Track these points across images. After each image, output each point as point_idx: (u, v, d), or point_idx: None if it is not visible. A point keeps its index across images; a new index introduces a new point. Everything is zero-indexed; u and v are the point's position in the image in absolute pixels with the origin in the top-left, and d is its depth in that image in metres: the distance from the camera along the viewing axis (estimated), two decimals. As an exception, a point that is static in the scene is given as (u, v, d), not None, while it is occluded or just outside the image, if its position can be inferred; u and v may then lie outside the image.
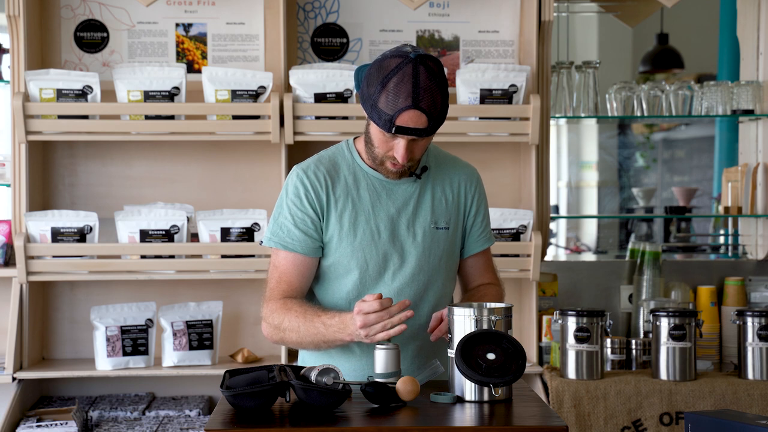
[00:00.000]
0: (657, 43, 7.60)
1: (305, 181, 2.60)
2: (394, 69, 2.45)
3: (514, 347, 2.34)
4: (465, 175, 2.72)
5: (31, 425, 3.48)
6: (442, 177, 2.68)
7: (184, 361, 3.69)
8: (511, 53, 4.00)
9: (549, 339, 3.86)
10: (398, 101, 2.44)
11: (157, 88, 3.65)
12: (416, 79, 2.43)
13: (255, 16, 3.92)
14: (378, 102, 2.46)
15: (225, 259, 3.66)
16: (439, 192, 2.67)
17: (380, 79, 2.46)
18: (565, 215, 9.49)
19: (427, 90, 2.44)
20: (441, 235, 2.65)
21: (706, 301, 4.05)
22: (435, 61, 2.49)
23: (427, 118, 2.45)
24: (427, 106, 2.44)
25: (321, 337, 2.51)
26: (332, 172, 2.62)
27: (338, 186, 2.61)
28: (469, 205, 2.71)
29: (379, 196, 2.61)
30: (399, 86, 2.44)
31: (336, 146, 2.70)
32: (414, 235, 2.62)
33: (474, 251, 2.74)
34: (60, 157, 3.90)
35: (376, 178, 2.62)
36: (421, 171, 2.64)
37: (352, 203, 2.60)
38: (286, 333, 2.55)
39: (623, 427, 3.52)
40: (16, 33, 3.65)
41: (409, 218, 2.62)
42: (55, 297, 3.90)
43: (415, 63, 2.44)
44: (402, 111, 2.44)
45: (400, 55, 2.47)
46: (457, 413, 2.27)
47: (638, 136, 9.56)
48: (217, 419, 2.19)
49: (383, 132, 2.49)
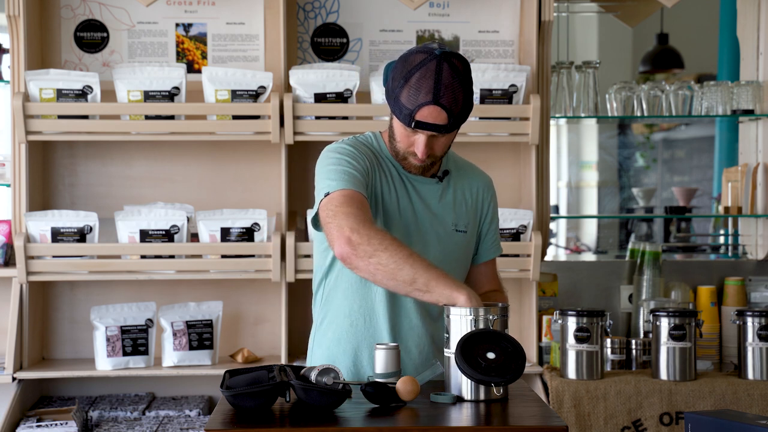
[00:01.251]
0: (657, 43, 7.60)
1: (353, 147, 2.57)
2: (418, 64, 2.46)
3: (514, 346, 2.34)
4: (483, 183, 2.75)
5: (31, 425, 3.48)
6: (462, 182, 2.71)
7: (184, 361, 3.69)
8: (511, 53, 4.00)
9: (549, 339, 3.86)
10: (419, 96, 2.45)
11: (157, 88, 3.65)
12: (439, 75, 2.44)
13: (255, 16, 3.92)
14: (400, 96, 2.48)
15: (225, 259, 3.66)
16: (460, 196, 2.69)
17: (404, 73, 2.48)
18: (565, 215, 9.50)
19: (449, 87, 2.45)
20: (459, 238, 2.67)
21: (706, 301, 4.05)
22: (461, 60, 2.50)
23: (447, 115, 2.47)
24: (448, 102, 2.46)
25: (428, 279, 2.35)
26: (370, 155, 2.60)
27: (375, 167, 2.60)
28: (485, 212, 2.74)
29: (407, 191, 2.62)
30: (421, 81, 2.45)
31: (363, 135, 2.69)
32: (436, 233, 2.63)
33: (486, 258, 2.78)
34: (60, 157, 3.90)
35: (402, 173, 2.64)
36: (443, 174, 2.66)
37: (381, 189, 2.60)
38: (387, 251, 2.35)
39: (623, 427, 3.52)
40: (16, 33, 3.65)
41: (432, 217, 2.63)
42: (55, 297, 3.90)
43: (440, 60, 2.45)
44: (422, 106, 2.45)
45: (425, 51, 2.48)
46: (457, 413, 2.27)
47: (638, 136, 9.56)
48: (217, 419, 2.19)
49: (404, 126, 2.51)
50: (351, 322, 2.62)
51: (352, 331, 2.62)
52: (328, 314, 2.67)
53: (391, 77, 2.52)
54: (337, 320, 2.65)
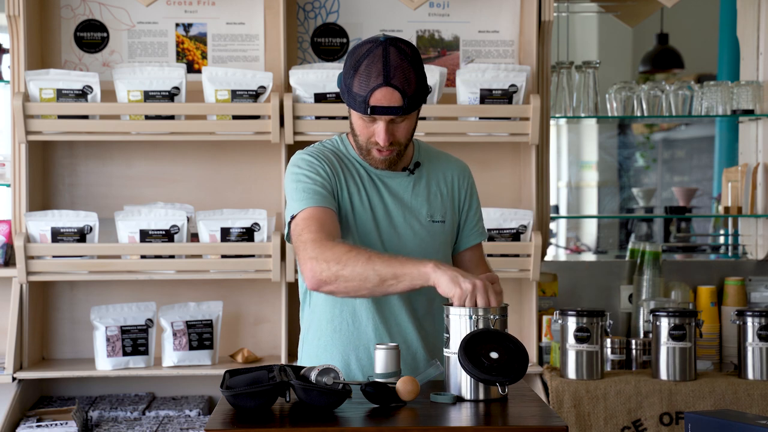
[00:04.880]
0: (657, 43, 7.59)
1: (314, 157, 2.59)
2: (365, 53, 2.48)
3: (516, 346, 2.34)
4: (458, 170, 2.73)
5: (31, 425, 3.48)
6: (436, 172, 2.69)
7: (184, 361, 3.69)
8: (511, 53, 4.00)
9: (549, 339, 3.87)
10: (370, 81, 2.45)
11: (157, 88, 3.65)
12: (386, 58, 2.45)
13: (255, 16, 3.92)
14: (352, 86, 2.48)
15: (225, 259, 3.66)
16: (434, 186, 2.67)
17: (353, 64, 2.49)
18: (565, 215, 9.50)
19: (399, 68, 2.45)
20: (438, 229, 2.65)
21: (706, 301, 4.05)
22: (407, 44, 2.51)
23: (400, 95, 2.46)
24: (400, 83, 2.45)
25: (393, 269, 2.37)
26: (334, 161, 2.62)
27: (340, 175, 2.61)
28: (463, 199, 2.72)
29: (376, 188, 2.62)
30: (370, 67, 2.46)
31: (329, 140, 2.70)
32: (411, 227, 2.62)
33: (468, 245, 2.75)
34: (60, 157, 3.90)
35: (371, 172, 2.63)
36: (414, 167, 2.65)
37: (349, 194, 2.60)
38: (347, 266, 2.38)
39: (623, 427, 3.52)
40: (16, 33, 3.65)
41: (406, 211, 2.62)
42: (55, 297, 3.90)
43: (386, 44, 2.47)
44: (374, 89, 2.45)
45: (371, 41, 2.50)
46: (457, 413, 2.27)
47: (638, 136, 9.56)
48: (217, 419, 2.19)
49: (362, 117, 2.50)
50: (334, 327, 2.61)
51: (337, 336, 2.61)
52: (312, 322, 2.67)
53: (343, 72, 2.53)
54: (321, 327, 2.64)
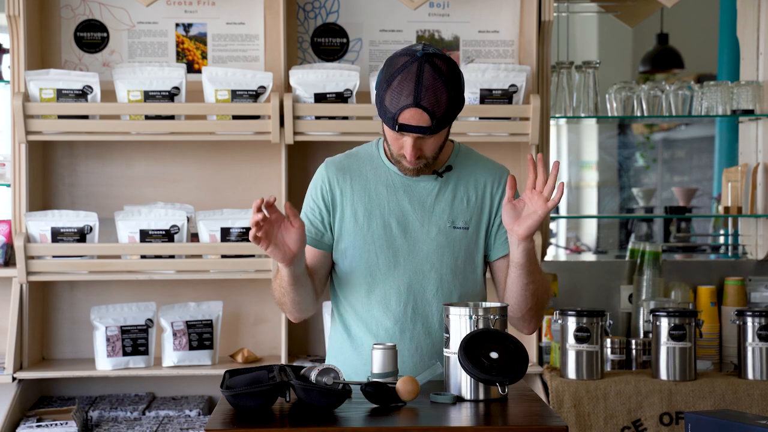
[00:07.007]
0: (657, 43, 7.59)
1: (324, 174, 2.68)
2: (400, 67, 2.46)
3: (516, 346, 2.34)
4: (492, 176, 2.68)
5: (31, 425, 3.48)
6: (467, 177, 2.66)
7: (184, 361, 3.69)
8: (511, 53, 4.00)
9: (549, 339, 3.86)
10: (401, 99, 2.45)
11: (157, 88, 3.65)
12: (419, 77, 2.43)
13: (255, 16, 3.92)
14: (384, 99, 2.48)
15: (225, 259, 3.66)
16: (462, 191, 2.65)
17: (387, 77, 2.48)
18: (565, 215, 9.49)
19: (430, 88, 2.44)
20: (458, 235, 2.63)
21: (706, 301, 4.05)
22: (444, 60, 2.48)
23: (429, 117, 2.45)
24: (429, 104, 2.44)
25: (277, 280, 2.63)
26: (354, 166, 2.66)
27: (358, 180, 2.64)
28: (495, 207, 2.66)
29: (396, 192, 2.63)
30: (402, 84, 2.45)
31: (368, 143, 2.74)
32: (428, 232, 2.62)
33: (502, 253, 2.66)
34: (60, 157, 3.90)
35: (396, 175, 2.64)
36: (444, 169, 2.65)
37: (369, 197, 2.62)
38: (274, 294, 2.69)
39: (623, 427, 3.52)
40: (16, 33, 3.65)
41: (424, 215, 2.62)
42: (55, 297, 3.90)
43: (421, 61, 2.45)
44: (403, 109, 2.45)
45: (408, 53, 2.48)
46: (457, 413, 2.27)
47: (638, 136, 9.56)
48: (217, 419, 2.19)
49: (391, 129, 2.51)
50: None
51: None
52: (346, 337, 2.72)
53: (377, 81, 2.53)
54: None
